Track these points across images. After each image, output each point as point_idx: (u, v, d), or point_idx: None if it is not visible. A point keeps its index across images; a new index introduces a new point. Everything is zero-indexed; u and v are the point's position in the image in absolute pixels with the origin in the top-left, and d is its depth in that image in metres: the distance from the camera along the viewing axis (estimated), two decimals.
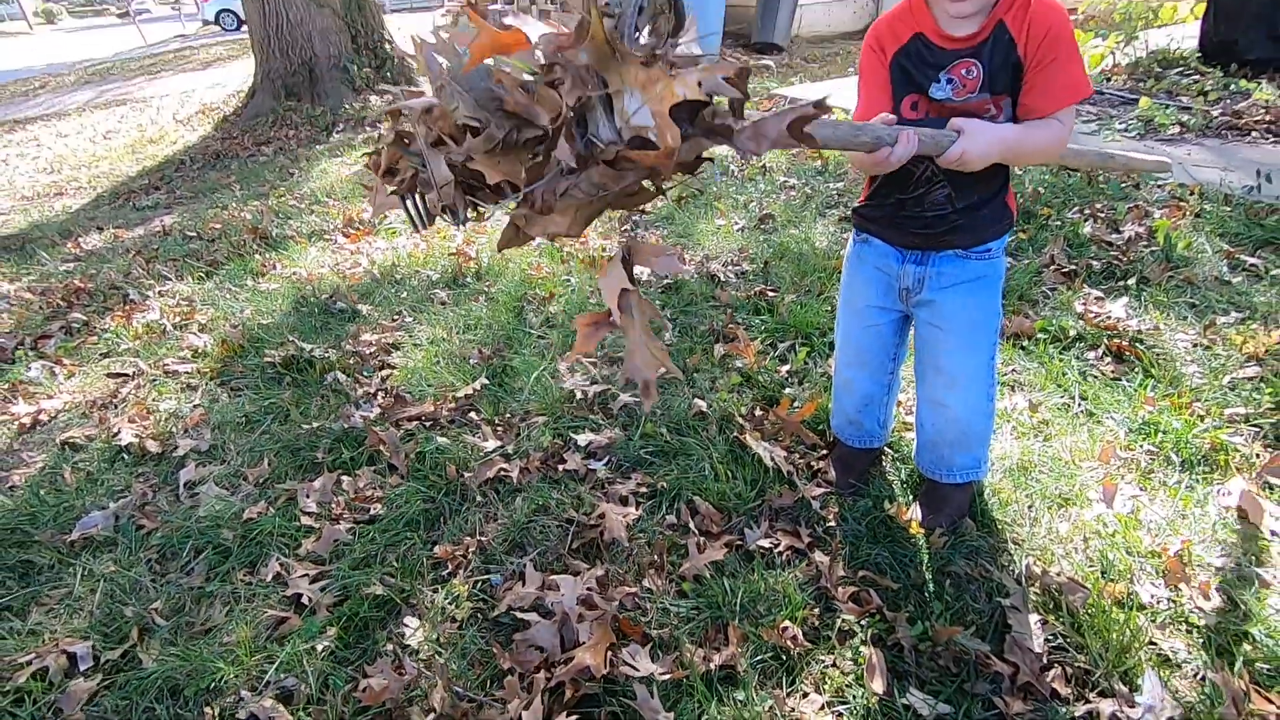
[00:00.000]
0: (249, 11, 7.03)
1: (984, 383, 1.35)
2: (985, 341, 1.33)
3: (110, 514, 1.76)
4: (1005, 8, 1.07)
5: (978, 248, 1.26)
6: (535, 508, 1.67)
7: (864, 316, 1.44)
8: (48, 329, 2.80)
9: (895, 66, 1.16)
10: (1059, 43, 1.06)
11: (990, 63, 1.09)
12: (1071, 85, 1.08)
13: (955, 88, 1.12)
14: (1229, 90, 4.08)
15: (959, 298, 1.29)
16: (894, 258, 1.33)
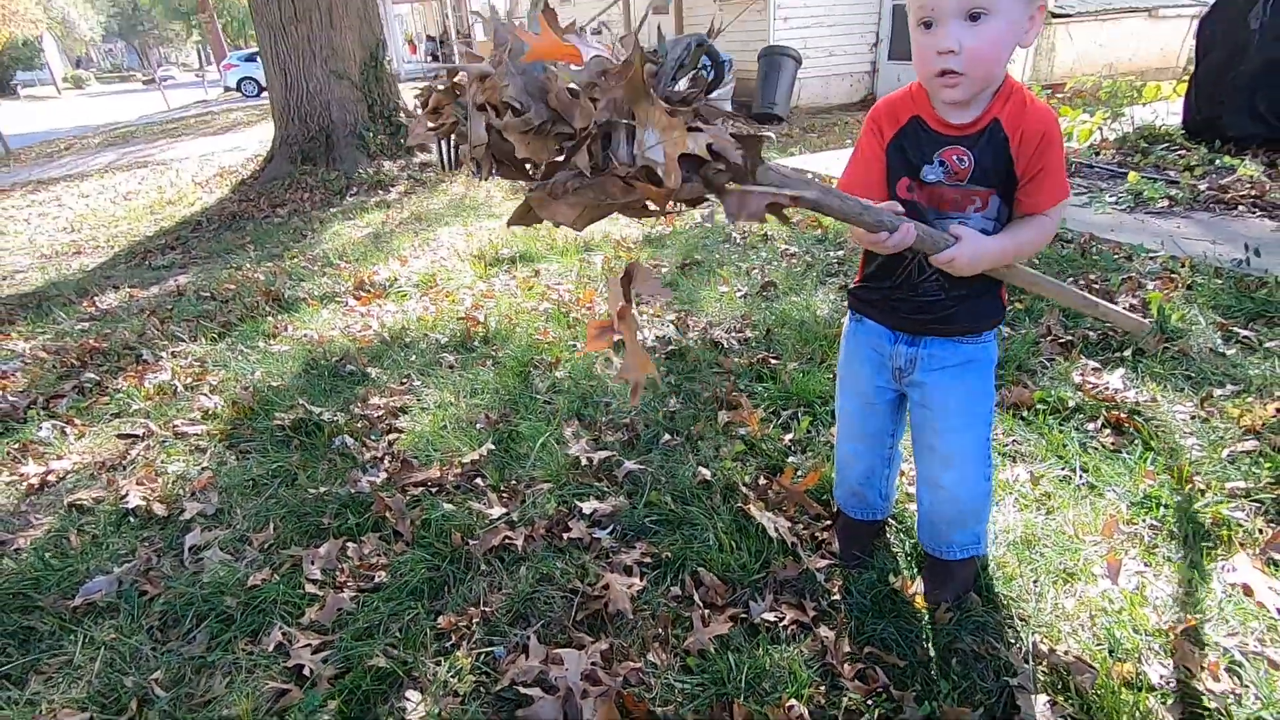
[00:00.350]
0: (271, 81, 7.36)
1: (979, 462, 1.37)
2: (978, 422, 1.35)
3: (114, 579, 1.76)
4: (1000, 104, 1.12)
5: (967, 335, 1.30)
6: (540, 577, 1.67)
7: (861, 394, 1.47)
8: (60, 388, 2.84)
9: (892, 148, 1.20)
10: (1051, 148, 1.11)
11: (981, 156, 1.13)
12: (1060, 188, 1.16)
13: (946, 172, 1.16)
14: (1214, 166, 4.23)
15: (949, 380, 1.32)
16: (887, 338, 1.36)
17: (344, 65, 7.19)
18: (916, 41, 1.11)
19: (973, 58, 1.05)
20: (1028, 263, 1.27)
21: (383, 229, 5.28)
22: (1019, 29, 1.05)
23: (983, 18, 1.03)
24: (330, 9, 6.97)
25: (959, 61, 1.05)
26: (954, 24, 1.04)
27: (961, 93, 1.09)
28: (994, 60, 1.06)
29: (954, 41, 1.04)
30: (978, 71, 1.06)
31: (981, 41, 1.04)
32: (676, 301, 3.23)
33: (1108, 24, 9.65)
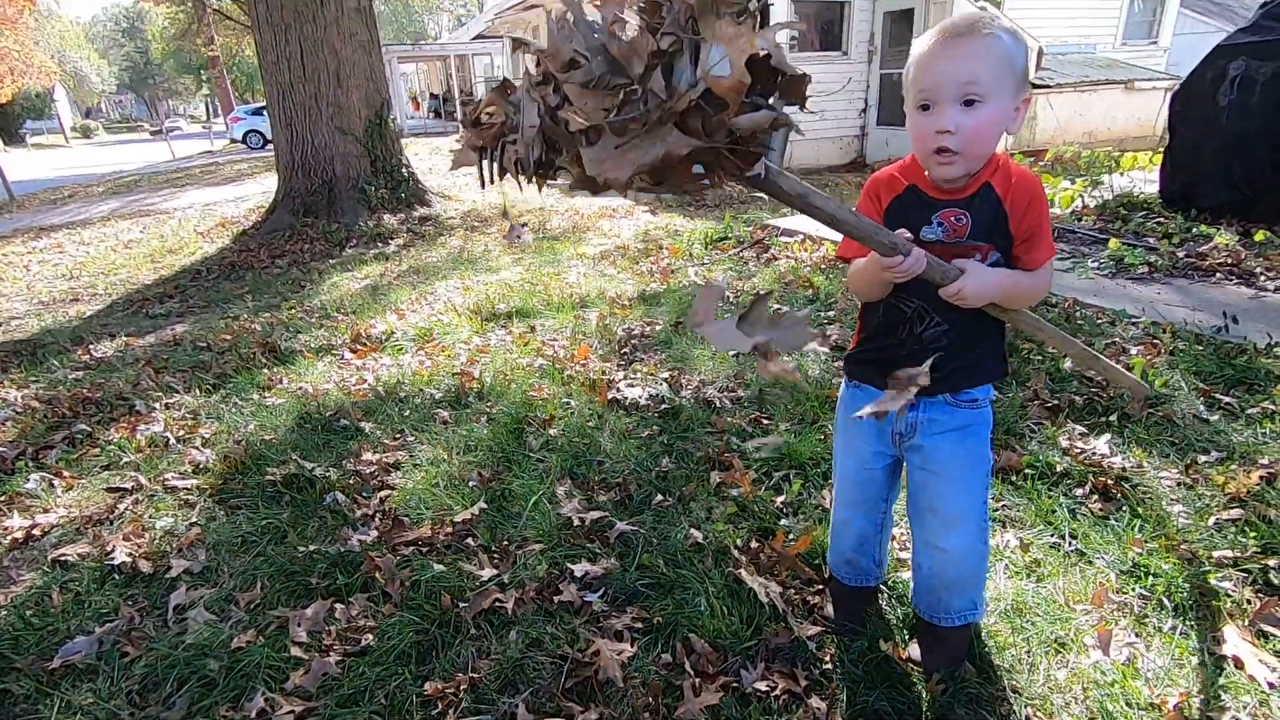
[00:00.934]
0: (277, 136, 7.56)
1: (979, 524, 1.39)
2: (978, 484, 1.38)
3: (94, 639, 1.72)
4: (990, 172, 1.22)
5: (966, 394, 1.33)
6: (529, 642, 1.65)
7: (859, 460, 1.49)
8: (50, 439, 2.83)
9: (891, 212, 1.28)
10: (1040, 206, 1.22)
11: (977, 215, 1.22)
12: (1050, 246, 1.26)
13: (946, 231, 1.24)
14: (1191, 234, 4.36)
15: (950, 444, 1.36)
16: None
17: (349, 122, 7.41)
18: (915, 121, 1.20)
19: (968, 139, 1.14)
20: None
21: (381, 281, 5.35)
22: (1007, 116, 1.16)
23: (977, 104, 1.13)
24: (338, 70, 7.23)
25: (955, 141, 1.14)
26: (951, 108, 1.14)
27: (956, 170, 1.19)
28: (986, 142, 1.16)
29: (951, 123, 1.14)
30: (972, 150, 1.16)
31: (977, 124, 1.14)
32: (669, 360, 3.27)
33: (1086, 94, 10.07)
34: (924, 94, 1.17)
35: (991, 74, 1.12)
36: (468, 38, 26.66)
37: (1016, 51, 1.14)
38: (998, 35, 1.12)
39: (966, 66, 1.12)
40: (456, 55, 25.18)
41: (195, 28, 29.66)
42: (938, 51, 1.15)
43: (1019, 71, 1.14)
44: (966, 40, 1.13)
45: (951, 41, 1.14)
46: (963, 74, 1.12)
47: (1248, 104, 4.44)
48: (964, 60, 1.12)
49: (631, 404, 2.81)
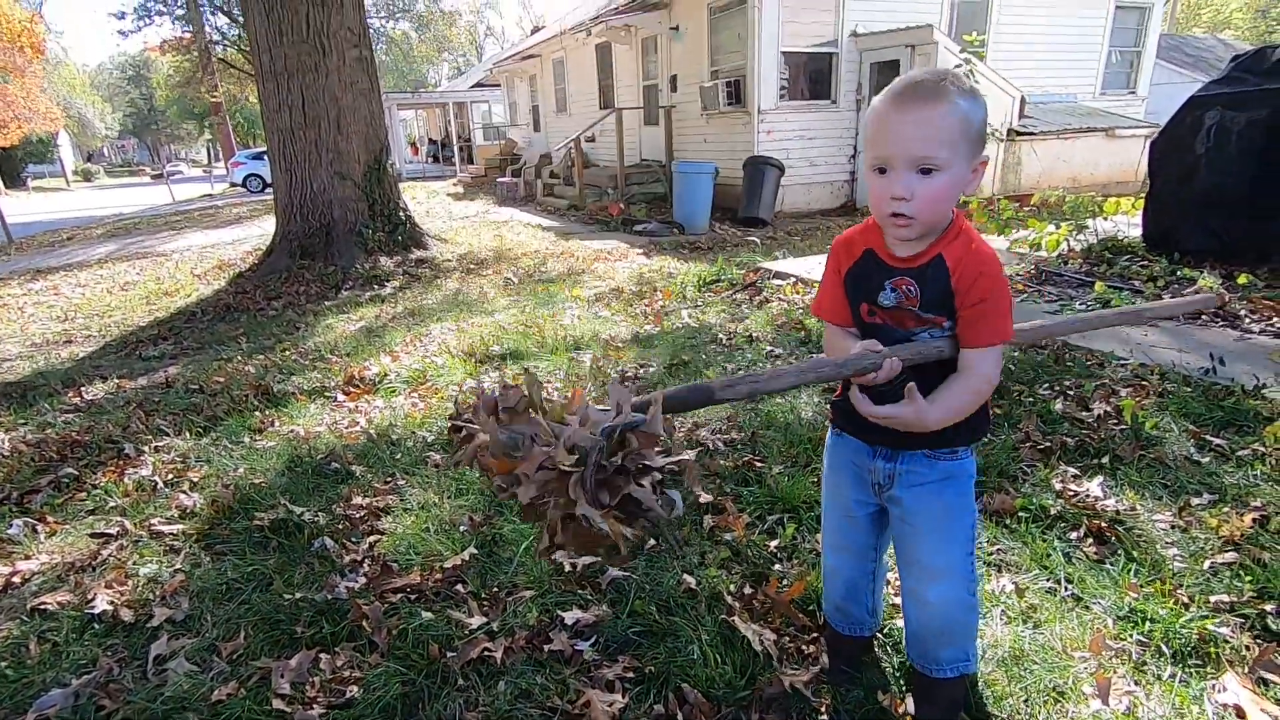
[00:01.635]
0: (277, 180, 7.67)
1: (963, 576, 1.36)
2: (960, 536, 1.35)
3: (71, 692, 1.67)
4: (946, 242, 1.20)
5: (945, 449, 1.32)
6: (518, 693, 1.61)
7: (842, 507, 1.48)
8: (36, 483, 2.79)
9: (849, 278, 1.31)
10: (987, 285, 1.17)
11: (927, 287, 1.21)
12: (998, 331, 1.20)
13: (899, 298, 1.24)
14: (1175, 277, 4.44)
15: (929, 496, 1.33)
16: (866, 452, 1.38)
17: (348, 167, 7.53)
18: (871, 183, 1.20)
19: (922, 205, 1.14)
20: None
21: (376, 323, 5.38)
22: (963, 180, 1.16)
23: (933, 172, 1.13)
24: (339, 116, 7.38)
25: (910, 207, 1.14)
26: (906, 174, 1.13)
27: (911, 233, 1.19)
28: (942, 208, 1.16)
29: (906, 190, 1.13)
30: (926, 216, 1.16)
31: (931, 191, 1.13)
32: None
33: (1069, 141, 10.36)
34: (880, 158, 1.16)
35: (948, 142, 1.11)
36: (466, 86, 27.34)
37: (974, 115, 1.13)
38: (954, 102, 1.11)
39: (922, 135, 1.11)
40: (455, 102, 25.77)
41: (200, 76, 30.36)
42: (894, 116, 1.13)
43: (975, 135, 1.14)
44: (923, 107, 1.11)
45: (909, 107, 1.12)
46: (917, 144, 1.11)
47: (1224, 152, 4.57)
48: (919, 128, 1.11)
49: None
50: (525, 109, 20.20)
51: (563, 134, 15.37)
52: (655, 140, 12.58)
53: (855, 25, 10.13)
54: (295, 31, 7.04)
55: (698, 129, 11.36)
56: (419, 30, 36.97)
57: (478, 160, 21.82)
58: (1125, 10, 12.12)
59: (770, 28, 9.63)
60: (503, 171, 17.94)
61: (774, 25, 9.65)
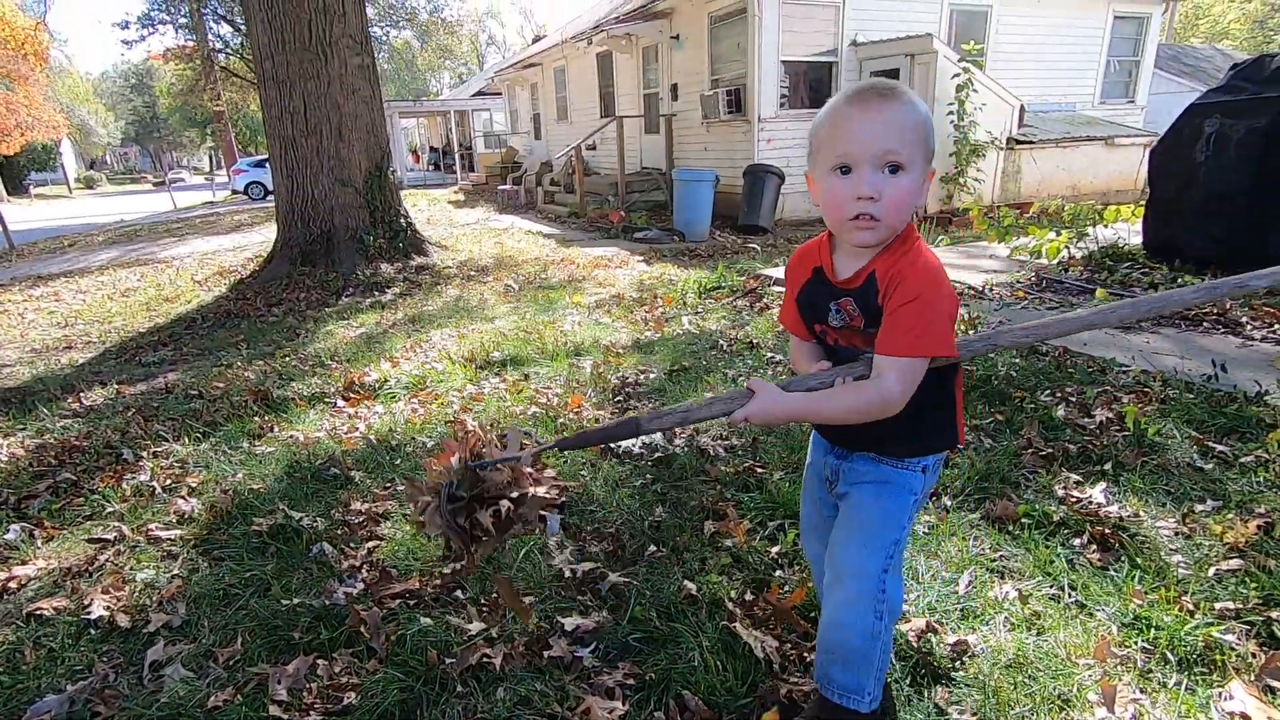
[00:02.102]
0: (279, 187, 7.69)
1: (869, 593, 1.25)
2: (877, 546, 1.26)
3: (65, 699, 1.66)
4: (883, 257, 1.15)
5: (890, 456, 1.27)
6: (517, 700, 1.59)
7: (809, 501, 1.50)
8: (35, 488, 2.78)
9: (801, 297, 1.29)
10: (905, 294, 1.10)
11: (865, 307, 1.17)
12: (908, 344, 1.09)
13: (844, 318, 1.21)
14: (1176, 284, 4.44)
15: (863, 494, 1.30)
16: (823, 448, 1.39)
17: (349, 174, 7.55)
18: (831, 186, 1.14)
19: (889, 206, 1.10)
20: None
21: (376, 330, 5.37)
22: (920, 187, 1.12)
23: (900, 171, 1.10)
24: (340, 124, 7.41)
25: (877, 208, 1.10)
26: (873, 173, 1.09)
27: (874, 237, 1.14)
28: (908, 209, 1.13)
29: (873, 188, 1.09)
30: (890, 220, 1.12)
31: (899, 192, 1.10)
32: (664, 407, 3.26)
33: (1068, 150, 10.39)
34: (843, 156, 1.11)
35: (912, 141, 1.09)
36: (468, 94, 27.47)
37: (929, 122, 1.12)
38: (914, 104, 1.10)
39: (889, 131, 1.08)
40: (457, 111, 25.89)
41: (202, 84, 30.50)
42: (857, 114, 1.10)
43: (931, 144, 1.13)
44: (889, 105, 1.09)
45: (873, 104, 1.09)
46: (886, 139, 1.08)
47: (1223, 160, 4.58)
48: (886, 125, 1.08)
49: (625, 452, 2.79)
50: (526, 117, 20.28)
51: (564, 142, 15.43)
52: (656, 148, 12.62)
53: (855, 34, 10.18)
54: (298, 39, 7.08)
55: (698, 137, 11.40)
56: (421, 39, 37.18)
57: (479, 168, 21.90)
58: (1124, 20, 12.19)
59: (770, 37, 9.68)
60: (503, 179, 17.99)
61: (774, 35, 9.70)
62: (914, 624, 1.73)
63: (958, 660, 1.64)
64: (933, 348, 1.10)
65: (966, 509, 2.26)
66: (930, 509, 2.28)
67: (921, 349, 1.10)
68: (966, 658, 1.64)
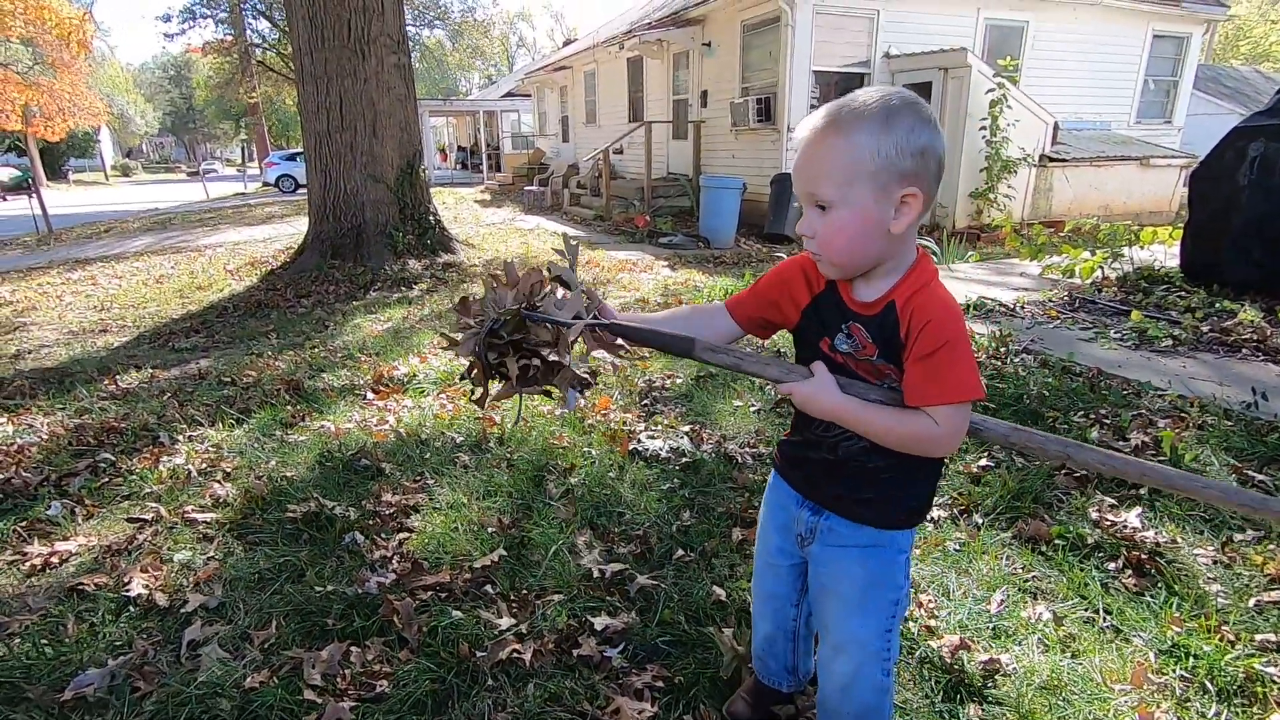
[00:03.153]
0: (311, 181, 7.81)
1: (877, 655, 1.21)
2: (878, 611, 1.20)
3: (107, 672, 1.70)
4: (902, 288, 1.07)
5: (869, 527, 1.19)
6: (547, 696, 1.61)
7: (766, 552, 1.37)
8: (75, 466, 2.85)
9: (810, 310, 1.17)
10: (937, 338, 1.02)
11: (879, 336, 1.09)
12: (944, 389, 1.02)
13: (854, 345, 1.11)
14: (1215, 309, 4.36)
15: (848, 560, 1.20)
16: (794, 500, 1.27)
17: (382, 171, 7.65)
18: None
19: (822, 244, 1.05)
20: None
21: (403, 324, 5.43)
22: (873, 217, 1.01)
23: (829, 209, 1.03)
24: (374, 121, 7.51)
25: (813, 245, 1.07)
26: (810, 210, 1.06)
27: (828, 271, 1.11)
28: (848, 248, 1.04)
29: (807, 227, 1.06)
30: (832, 256, 1.06)
31: (827, 227, 1.03)
32: (690, 413, 3.27)
33: (1101, 169, 10.25)
34: (796, 190, 1.10)
35: (838, 176, 1.00)
36: (497, 95, 27.70)
37: (874, 146, 0.98)
38: (847, 136, 0.99)
39: (810, 170, 1.03)
40: (486, 111, 26.11)
41: (239, 77, 31.06)
42: (803, 145, 1.05)
43: (882, 168, 0.98)
44: (817, 140, 1.02)
45: (804, 143, 1.04)
46: (807, 179, 1.04)
47: (1268, 184, 4.50)
48: (809, 162, 1.03)
49: (652, 456, 2.80)
50: (555, 119, 20.42)
51: (591, 145, 15.51)
52: (683, 154, 12.64)
53: (888, 46, 10.14)
54: (337, 36, 7.19)
55: (726, 144, 11.41)
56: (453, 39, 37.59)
57: (505, 168, 22.06)
58: (1163, 39, 12.02)
59: (803, 47, 9.67)
60: (530, 180, 18.11)
61: (807, 44, 9.69)
62: (946, 640, 1.72)
63: (990, 679, 1.63)
64: (972, 390, 1.03)
65: (998, 527, 2.24)
66: (961, 526, 2.26)
67: (965, 393, 1.03)
68: (999, 677, 1.63)
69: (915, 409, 1.04)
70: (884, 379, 1.10)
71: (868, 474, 1.16)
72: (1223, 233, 4.74)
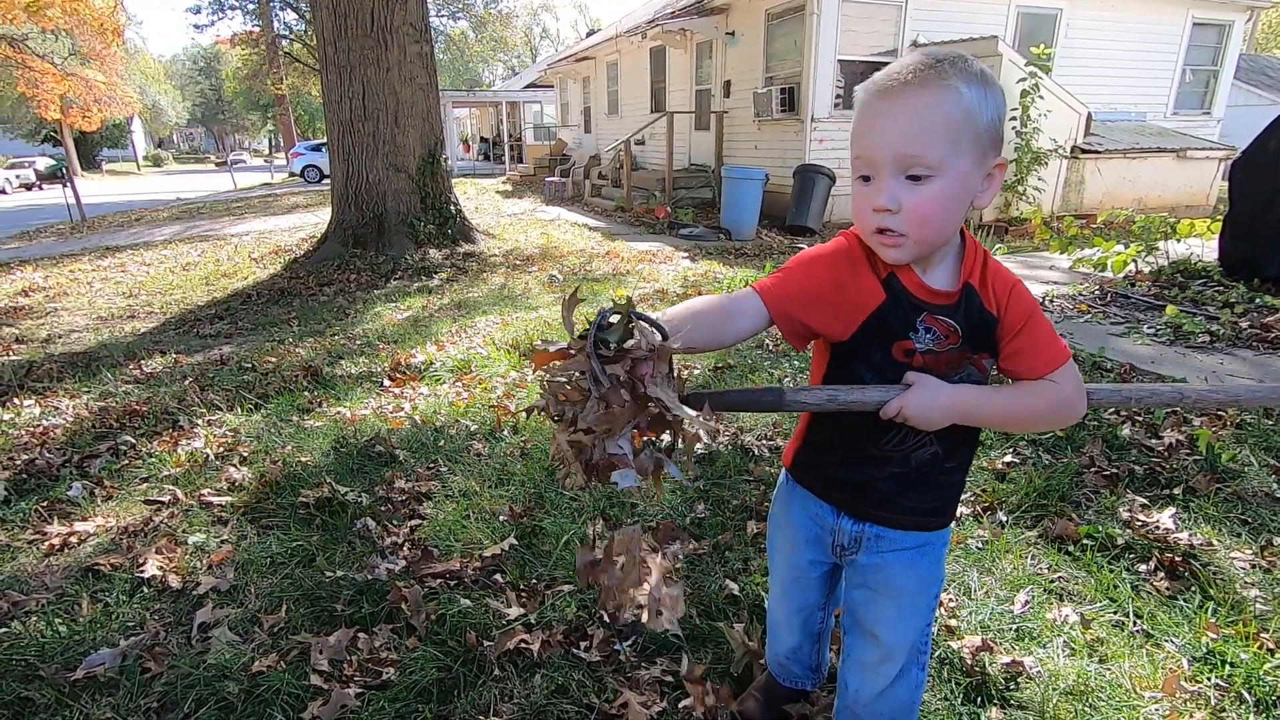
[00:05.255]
0: (334, 170, 7.86)
1: (920, 652, 1.18)
2: (924, 609, 1.16)
3: (119, 653, 1.70)
4: (970, 267, 1.00)
5: (915, 530, 1.12)
6: (554, 688, 1.58)
7: (794, 567, 1.28)
8: (96, 449, 2.88)
9: (884, 310, 1.00)
10: (1027, 304, 0.99)
11: (966, 322, 0.99)
12: (1054, 352, 0.99)
13: (936, 339, 1.00)
14: (1254, 304, 4.20)
15: (900, 563, 1.14)
16: (829, 511, 1.17)
17: (403, 160, 7.67)
18: (855, 193, 0.97)
19: (913, 220, 0.91)
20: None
21: (423, 313, 5.44)
22: (970, 188, 0.92)
23: (925, 179, 0.89)
24: (397, 111, 7.52)
25: (898, 221, 0.92)
26: (891, 181, 0.91)
27: (904, 255, 0.96)
28: (941, 223, 0.93)
29: (890, 200, 0.91)
30: (923, 234, 0.93)
31: (922, 200, 0.90)
32: None
33: (1135, 162, 9.96)
34: (861, 162, 0.94)
35: (943, 138, 0.88)
36: (520, 86, 27.71)
37: (982, 106, 0.89)
38: (954, 87, 0.87)
39: (909, 130, 0.88)
40: (508, 102, 26.12)
41: (266, 68, 31.42)
42: (875, 108, 0.91)
43: (985, 131, 0.90)
44: (911, 95, 0.88)
45: (892, 95, 0.89)
46: (904, 140, 0.89)
47: None
48: (906, 122, 0.88)
49: (667, 448, 2.75)
50: (577, 110, 20.36)
51: (613, 136, 15.43)
52: (705, 145, 12.53)
53: (916, 35, 9.92)
54: (359, 25, 7.20)
55: (749, 135, 11.27)
56: (476, 31, 37.66)
57: (527, 159, 22.08)
58: (1203, 27, 11.63)
59: (828, 36, 9.50)
60: (551, 171, 18.09)
61: (832, 33, 9.51)
62: (968, 641, 1.66)
63: (1012, 682, 1.57)
64: (1068, 351, 1.00)
65: (1023, 525, 2.17)
66: (984, 523, 2.19)
67: (1067, 354, 1.00)
68: (1022, 680, 1.57)
69: (1034, 380, 0.99)
70: (962, 369, 1.01)
71: (940, 479, 1.09)
72: (1263, 226, 4.56)
